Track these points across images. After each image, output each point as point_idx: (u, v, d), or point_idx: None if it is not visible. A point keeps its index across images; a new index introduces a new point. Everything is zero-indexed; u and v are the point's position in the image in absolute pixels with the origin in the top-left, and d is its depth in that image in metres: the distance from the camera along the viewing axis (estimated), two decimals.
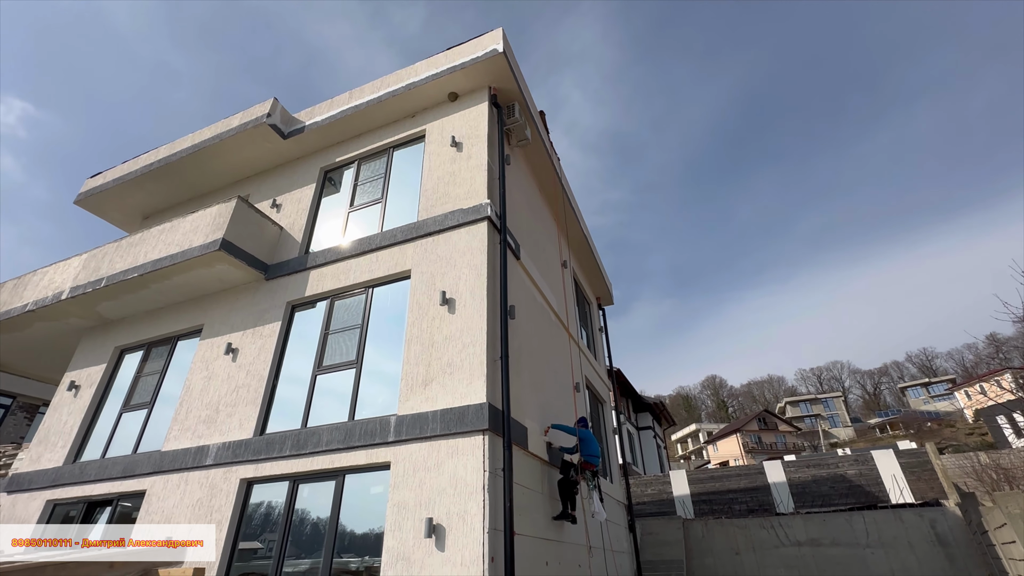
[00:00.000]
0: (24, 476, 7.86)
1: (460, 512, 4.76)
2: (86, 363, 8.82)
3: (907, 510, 11.82)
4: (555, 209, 10.63)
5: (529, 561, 5.36)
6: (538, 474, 6.29)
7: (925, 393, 69.83)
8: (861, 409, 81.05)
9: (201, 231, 7.73)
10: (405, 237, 6.98)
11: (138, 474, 6.86)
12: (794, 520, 12.55)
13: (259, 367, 6.97)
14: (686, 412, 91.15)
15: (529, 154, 9.23)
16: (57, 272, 9.09)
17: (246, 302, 7.81)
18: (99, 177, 10.71)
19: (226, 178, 10.10)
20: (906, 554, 11.19)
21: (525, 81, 8.55)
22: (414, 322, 6.16)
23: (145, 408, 7.80)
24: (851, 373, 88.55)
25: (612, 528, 9.54)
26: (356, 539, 5.36)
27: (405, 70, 8.42)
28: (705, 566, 12.66)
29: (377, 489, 5.46)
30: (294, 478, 5.89)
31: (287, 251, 8.14)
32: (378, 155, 8.55)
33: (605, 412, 12.11)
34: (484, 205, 6.64)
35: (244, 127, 9.01)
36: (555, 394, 7.86)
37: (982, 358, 69.29)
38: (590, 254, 12.42)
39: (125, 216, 11.10)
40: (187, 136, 9.92)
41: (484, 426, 5.06)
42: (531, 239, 8.41)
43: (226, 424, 6.67)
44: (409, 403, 5.62)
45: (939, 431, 51.85)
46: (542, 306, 8.23)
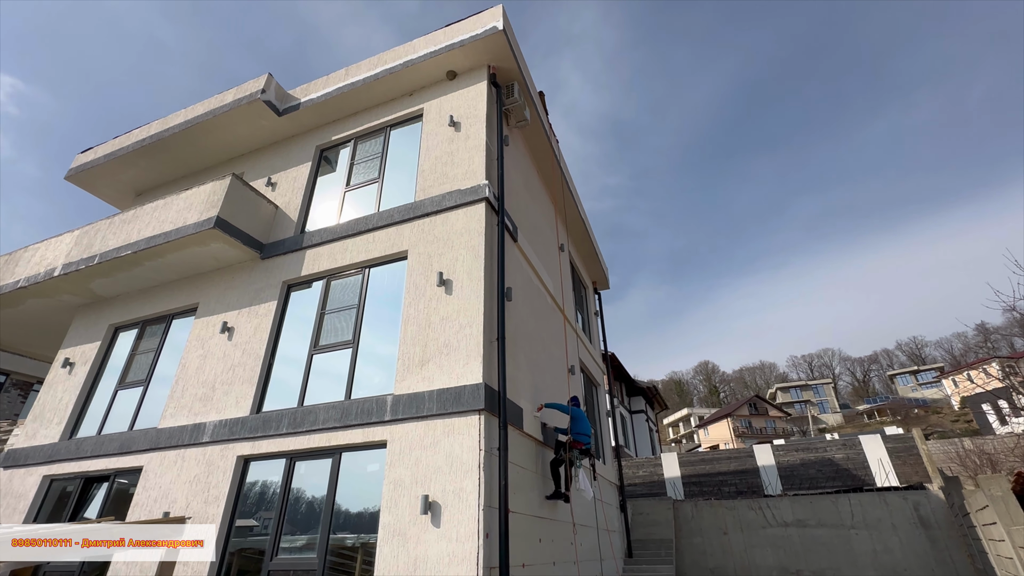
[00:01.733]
0: (20, 452, 7.87)
1: (456, 490, 4.83)
2: (80, 340, 8.78)
3: (892, 493, 12.10)
4: (553, 192, 10.57)
5: (523, 538, 5.46)
6: (532, 454, 6.38)
7: (913, 381, 70.93)
8: (850, 396, 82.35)
9: (195, 208, 7.64)
10: (402, 217, 6.93)
11: (135, 450, 6.89)
12: (781, 502, 12.82)
13: (255, 346, 6.96)
14: (678, 397, 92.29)
15: (528, 135, 9.14)
16: (49, 248, 8.98)
17: (241, 281, 7.77)
18: (90, 152, 10.53)
19: (220, 155, 9.95)
20: (889, 535, 11.48)
21: (525, 61, 8.41)
22: (411, 303, 6.16)
23: (141, 386, 7.80)
24: (841, 360, 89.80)
25: (605, 508, 9.73)
26: (352, 517, 5.43)
27: (403, 47, 8.26)
28: (693, 545, 12.95)
29: (373, 467, 5.52)
30: (291, 455, 5.94)
31: (282, 230, 8.07)
32: (375, 134, 8.43)
33: (599, 395, 12.24)
34: (482, 186, 6.59)
35: (238, 103, 8.85)
36: (550, 376, 7.92)
37: (970, 347, 70.37)
38: (587, 238, 12.40)
39: (117, 193, 10.94)
40: (180, 112, 9.73)
41: (480, 406, 5.11)
42: (529, 222, 8.38)
43: (223, 402, 6.69)
44: (406, 383, 5.65)
45: (926, 417, 52.85)
46: (539, 289, 8.24)
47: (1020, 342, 44.79)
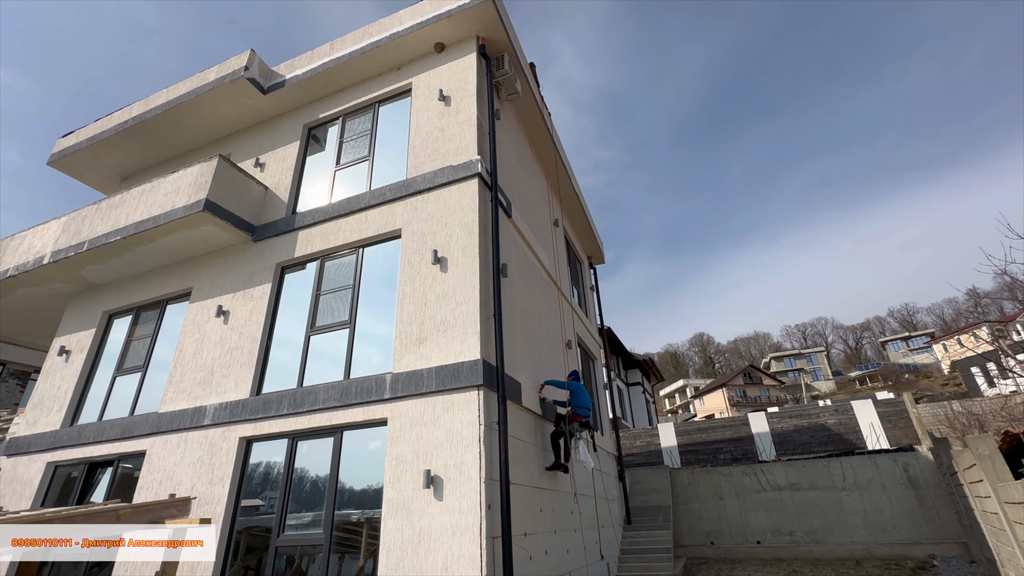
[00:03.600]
0: (23, 439, 7.92)
1: (457, 464, 4.91)
2: (75, 328, 8.74)
3: (882, 455, 12.43)
4: (546, 166, 10.45)
5: (524, 508, 5.59)
6: (531, 427, 6.47)
7: (905, 347, 71.98)
8: (843, 363, 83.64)
9: (183, 191, 7.52)
10: (394, 196, 6.85)
11: (137, 435, 6.94)
12: (775, 467, 13.16)
13: (251, 329, 6.95)
14: (674, 368, 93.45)
15: (519, 109, 8.97)
16: (36, 236, 8.84)
17: (234, 264, 7.70)
18: (71, 136, 10.27)
19: (205, 136, 9.73)
20: (879, 495, 11.84)
21: (515, 31, 8.19)
22: (406, 281, 6.14)
23: (139, 372, 7.80)
24: (834, 329, 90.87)
25: (604, 478, 9.94)
26: (356, 493, 5.52)
27: (388, 19, 8.02)
28: (690, 511, 13.33)
29: (375, 444, 5.59)
30: (293, 435, 6.00)
31: (273, 212, 7.97)
32: (363, 111, 8.26)
33: (596, 369, 12.37)
34: (474, 162, 6.50)
35: (221, 81, 8.61)
36: (547, 351, 7.98)
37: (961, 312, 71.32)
38: (581, 213, 12.33)
39: (102, 177, 10.72)
40: (161, 92, 9.47)
41: (479, 382, 5.15)
42: (522, 197, 8.30)
43: (222, 385, 6.71)
44: (404, 361, 5.68)
45: (916, 382, 53.86)
46: (534, 264, 8.22)
47: (1010, 306, 45.44)
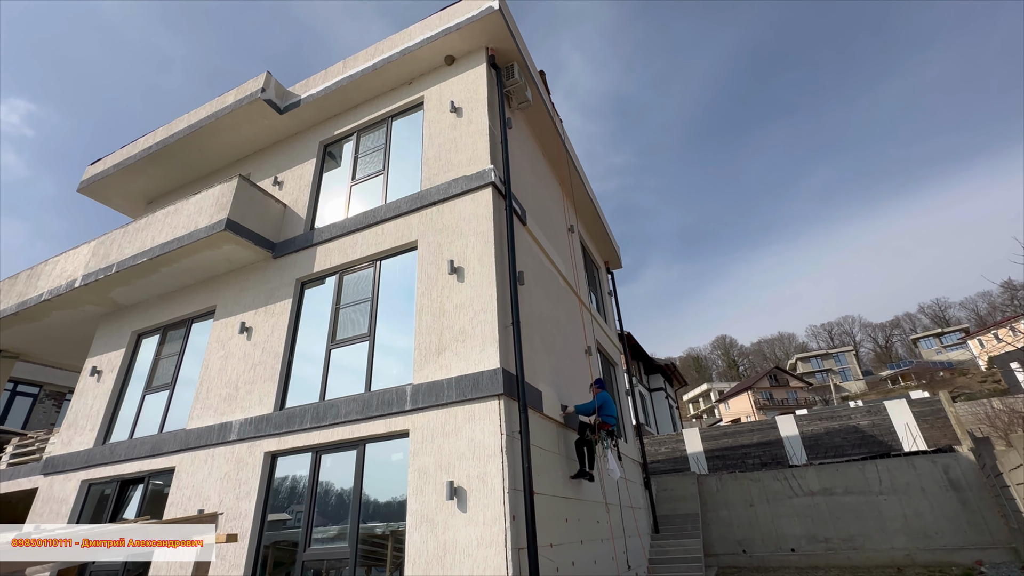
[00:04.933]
0: (58, 459, 8.14)
1: (480, 474, 4.87)
2: (105, 348, 8.99)
3: (920, 457, 11.93)
4: (559, 173, 10.44)
5: (549, 518, 5.51)
6: (554, 436, 6.40)
7: (938, 343, 69.52)
8: (873, 362, 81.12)
9: (205, 212, 7.71)
10: (409, 208, 6.91)
11: (166, 452, 7.07)
12: (807, 471, 12.75)
13: (274, 344, 7.05)
14: (697, 372, 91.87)
15: (531, 117, 9.00)
16: (68, 261, 9.16)
17: (256, 281, 7.85)
18: (99, 163, 10.65)
19: (226, 158, 10.00)
20: (919, 499, 11.36)
21: (523, 40, 8.25)
22: (424, 292, 6.16)
23: (167, 389, 7.97)
24: (862, 327, 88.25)
25: (629, 486, 9.76)
26: (380, 506, 5.52)
27: (399, 35, 8.15)
28: (720, 518, 12.97)
29: (397, 456, 5.59)
30: (316, 449, 6.04)
31: (292, 228, 8.11)
32: (376, 126, 8.38)
33: (617, 375, 12.22)
34: (487, 171, 6.52)
35: (239, 103, 8.85)
36: (567, 358, 7.91)
37: (996, 305, 68.66)
38: (596, 218, 12.27)
39: (129, 202, 11.09)
40: (183, 116, 9.78)
41: (499, 391, 5.12)
42: (537, 204, 8.30)
43: (246, 400, 6.81)
44: (424, 372, 5.68)
45: (952, 380, 51.90)
46: (550, 271, 8.19)
47: None
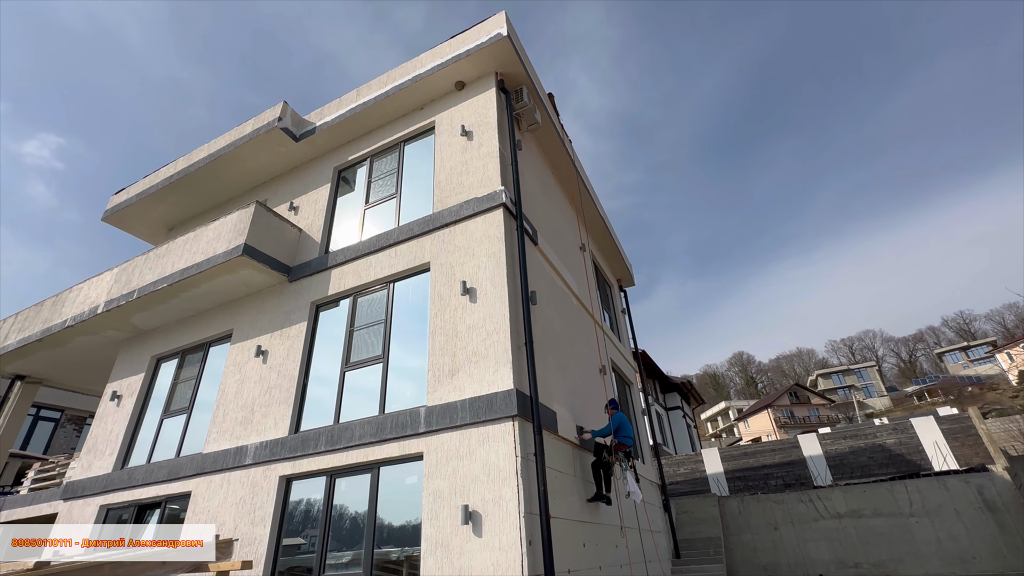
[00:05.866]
0: (78, 484, 8.22)
1: (495, 498, 4.80)
2: (125, 373, 9.14)
3: (952, 477, 11.48)
4: (570, 192, 10.51)
5: (566, 543, 5.38)
6: (570, 458, 6.30)
7: (964, 357, 67.45)
8: (897, 378, 78.86)
9: (224, 238, 7.89)
10: (422, 230, 6.99)
11: (183, 476, 7.10)
12: (833, 492, 12.33)
13: (289, 367, 7.11)
14: (714, 390, 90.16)
15: (540, 138, 9.12)
16: (91, 288, 9.41)
17: (272, 305, 7.96)
18: (123, 193, 11.01)
19: (243, 185, 10.26)
20: (953, 522, 10.89)
21: (531, 64, 8.42)
22: (437, 313, 6.19)
23: (184, 413, 8.05)
24: (884, 341, 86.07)
25: (648, 508, 9.52)
26: (395, 530, 5.45)
27: (410, 62, 8.37)
28: (743, 542, 12.56)
29: (411, 480, 5.54)
30: (331, 473, 6.02)
31: (307, 252, 8.25)
32: (389, 150, 8.56)
33: (632, 394, 12.04)
34: (498, 192, 6.59)
35: (257, 133, 9.12)
36: (582, 378, 7.83)
37: None
38: (608, 236, 12.27)
39: (150, 229, 11.40)
40: (203, 147, 10.10)
41: (513, 412, 5.07)
42: (548, 224, 8.34)
43: (262, 424, 6.84)
44: (437, 394, 5.66)
45: (981, 395, 50.15)
46: (563, 290, 8.18)
47: None
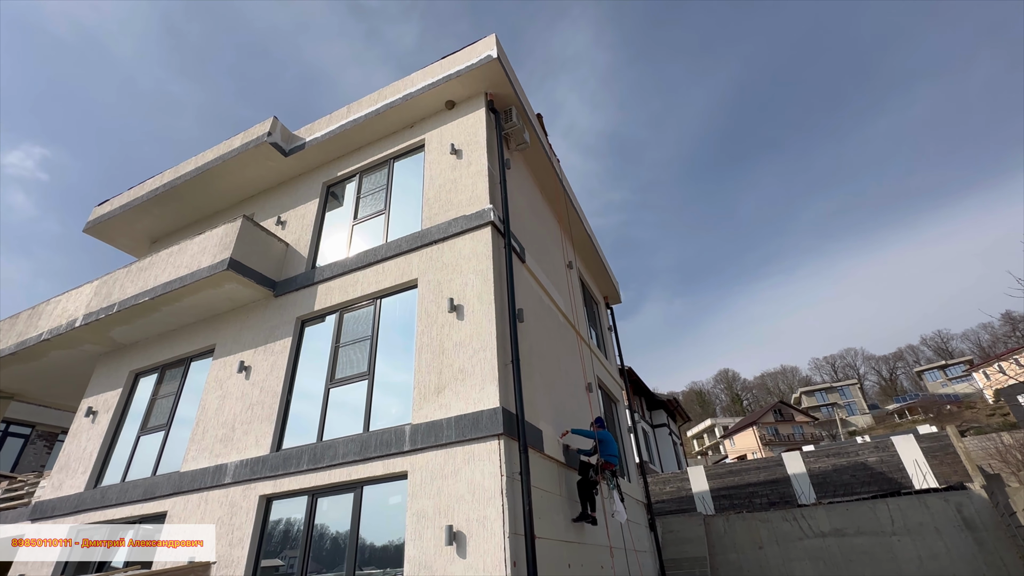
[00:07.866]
0: (47, 503, 7.93)
1: (479, 518, 4.75)
2: (102, 388, 8.91)
3: (932, 495, 11.64)
4: (557, 211, 10.64)
5: (551, 564, 5.33)
6: (555, 477, 6.27)
7: (943, 376, 68.77)
8: (878, 395, 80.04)
9: (209, 252, 7.81)
10: (410, 247, 7.01)
11: (159, 496, 6.90)
12: (817, 511, 12.40)
13: (272, 383, 7.01)
14: (700, 408, 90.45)
15: (529, 157, 9.25)
16: (70, 300, 9.21)
17: (256, 320, 7.87)
18: (106, 204, 10.86)
19: (231, 198, 10.20)
20: (933, 540, 11.01)
21: (521, 85, 8.58)
22: (423, 330, 6.18)
23: (162, 430, 7.86)
24: (866, 360, 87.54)
25: (633, 528, 9.47)
26: (377, 551, 5.35)
27: (401, 81, 8.48)
28: (729, 562, 12.52)
29: (395, 499, 5.46)
30: (312, 492, 5.90)
31: (294, 267, 8.20)
32: (379, 167, 8.60)
33: (619, 411, 12.05)
34: (487, 210, 6.66)
35: (246, 147, 9.11)
36: (568, 395, 7.84)
37: (998, 337, 68.36)
38: (595, 254, 12.41)
39: (133, 241, 11.23)
40: (190, 159, 10.04)
41: (499, 431, 5.06)
42: (535, 242, 8.42)
43: (242, 441, 6.70)
44: (423, 411, 5.62)
45: (959, 413, 51.07)
46: (550, 308, 8.22)
47: None
